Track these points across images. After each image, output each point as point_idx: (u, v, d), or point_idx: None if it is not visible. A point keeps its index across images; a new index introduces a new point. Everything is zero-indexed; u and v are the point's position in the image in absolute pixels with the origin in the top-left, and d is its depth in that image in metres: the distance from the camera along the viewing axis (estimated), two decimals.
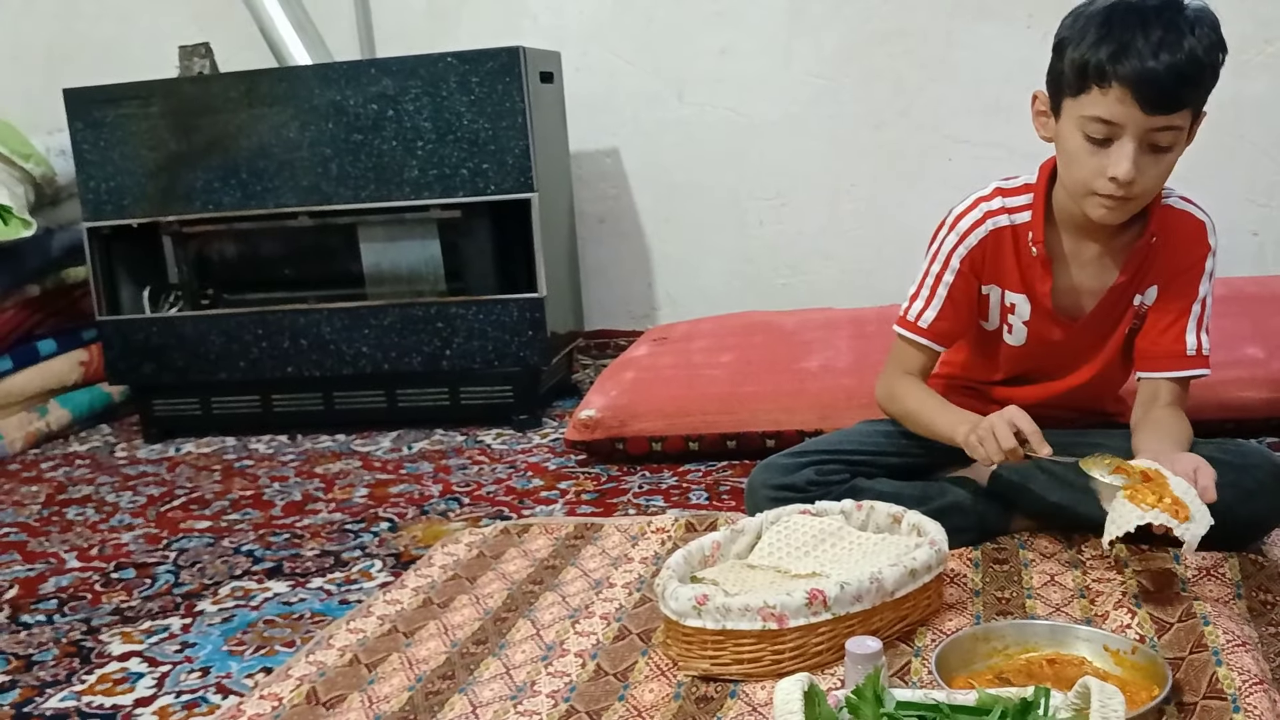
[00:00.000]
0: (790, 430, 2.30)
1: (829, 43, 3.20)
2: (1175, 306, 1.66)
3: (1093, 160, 1.51)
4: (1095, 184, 1.52)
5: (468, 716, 1.34)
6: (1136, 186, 1.50)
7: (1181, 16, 1.46)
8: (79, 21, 3.63)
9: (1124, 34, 1.45)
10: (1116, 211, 1.55)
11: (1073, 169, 1.56)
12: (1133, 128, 1.47)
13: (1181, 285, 1.65)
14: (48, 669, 1.63)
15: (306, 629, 1.69)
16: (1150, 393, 1.67)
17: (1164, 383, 1.66)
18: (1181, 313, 1.65)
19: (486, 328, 2.74)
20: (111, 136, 2.79)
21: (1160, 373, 1.66)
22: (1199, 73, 1.46)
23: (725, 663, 1.36)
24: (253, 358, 2.84)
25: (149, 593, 1.90)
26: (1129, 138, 1.48)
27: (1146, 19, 1.45)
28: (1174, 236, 1.64)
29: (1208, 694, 1.20)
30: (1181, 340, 1.65)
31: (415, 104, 2.67)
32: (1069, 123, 1.53)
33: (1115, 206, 1.53)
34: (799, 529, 1.58)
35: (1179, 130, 1.49)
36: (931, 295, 1.73)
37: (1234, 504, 1.53)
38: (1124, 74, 1.44)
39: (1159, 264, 1.65)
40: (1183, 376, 1.66)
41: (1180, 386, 1.67)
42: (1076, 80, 1.50)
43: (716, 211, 3.36)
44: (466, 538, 1.95)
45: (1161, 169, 1.52)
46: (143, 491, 2.49)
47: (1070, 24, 1.54)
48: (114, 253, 2.91)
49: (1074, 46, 1.50)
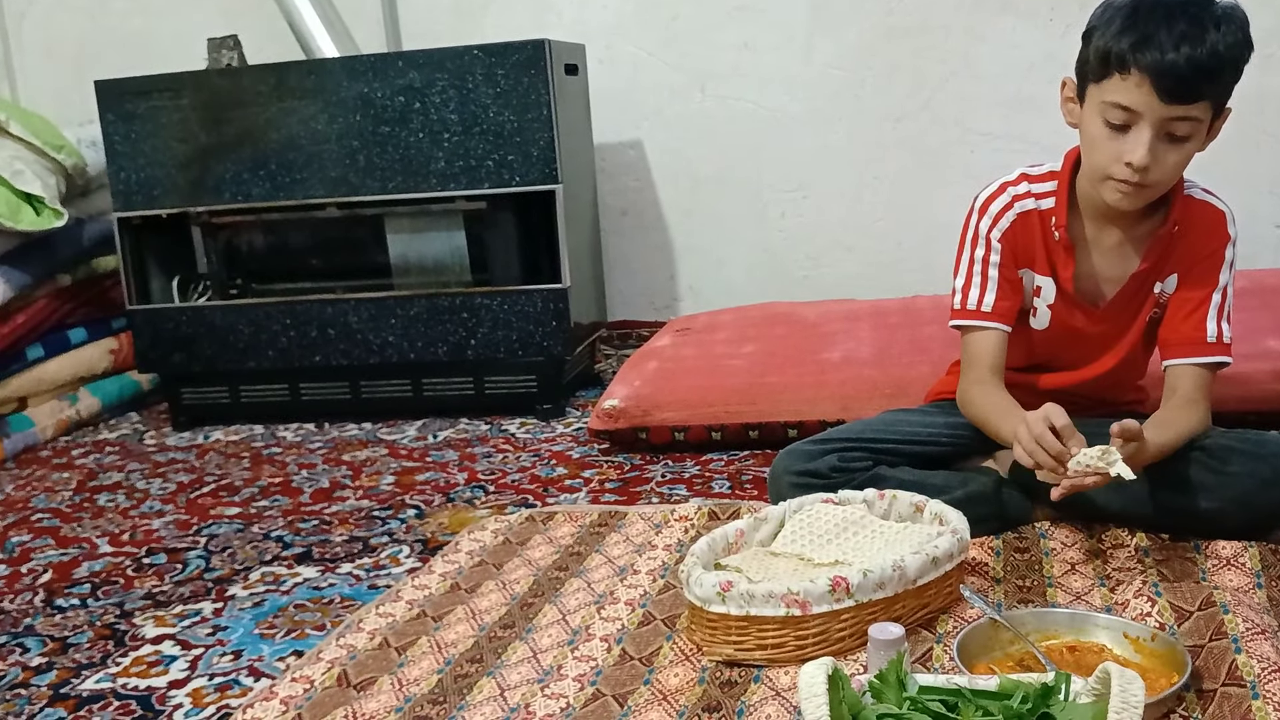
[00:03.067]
0: (812, 420, 2.32)
1: (850, 36, 3.21)
2: (1195, 295, 1.68)
3: (1111, 145, 1.55)
4: (1112, 169, 1.56)
5: (496, 699, 1.36)
6: (1152, 174, 1.54)
7: (1207, 12, 1.48)
8: (109, 16, 3.66)
9: (1148, 25, 1.48)
10: (1132, 197, 1.58)
11: (1092, 154, 1.60)
12: (1150, 116, 1.50)
13: (1201, 273, 1.68)
14: (83, 651, 1.66)
15: (336, 613, 1.72)
16: (1173, 382, 1.68)
17: (1186, 370, 1.67)
18: (1202, 301, 1.68)
19: (511, 318, 2.76)
20: (142, 128, 2.82)
21: (1180, 359, 1.68)
22: (1219, 67, 1.49)
23: (749, 648, 1.38)
24: (281, 347, 2.87)
25: (180, 577, 1.93)
26: (1146, 125, 1.51)
27: (1172, 12, 1.48)
28: (1194, 226, 1.67)
29: (1227, 681, 1.21)
30: (1202, 327, 1.67)
31: (441, 96, 2.69)
32: (1091, 108, 1.57)
33: (1131, 192, 1.57)
34: (822, 517, 1.60)
35: (1197, 122, 1.52)
36: (984, 279, 1.75)
37: (1253, 493, 1.55)
38: (1144, 63, 1.48)
39: (1179, 252, 1.68)
40: (1203, 363, 1.67)
41: (1202, 375, 1.67)
42: (1100, 66, 1.54)
43: (738, 204, 3.37)
44: (493, 525, 1.97)
45: (1178, 158, 1.55)
46: (172, 478, 2.53)
47: (1100, 13, 1.57)
48: (144, 243, 2.94)
49: (1100, 34, 1.54)
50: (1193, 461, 1.60)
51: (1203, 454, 1.61)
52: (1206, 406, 1.67)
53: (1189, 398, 1.66)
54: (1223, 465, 1.59)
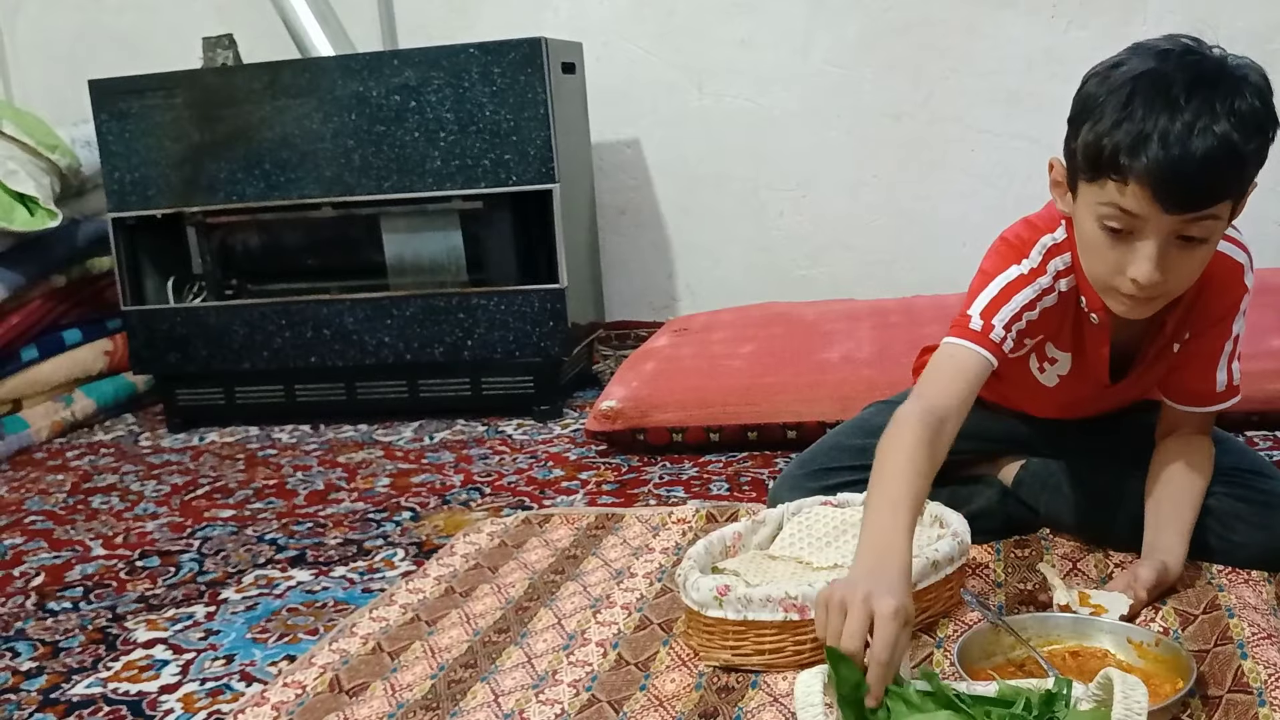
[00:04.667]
0: (811, 421, 2.30)
1: (849, 32, 3.20)
2: (1207, 349, 1.50)
3: (1112, 255, 1.29)
4: (1115, 281, 1.31)
5: (490, 704, 1.35)
6: (1163, 286, 1.29)
7: (1218, 92, 1.21)
8: (103, 14, 3.65)
9: (1146, 116, 1.21)
10: (1142, 307, 1.34)
11: (1091, 261, 1.34)
12: (1156, 224, 1.24)
13: (1217, 331, 1.49)
14: (74, 655, 1.65)
15: (330, 617, 1.70)
16: (1174, 419, 1.57)
17: (1191, 415, 1.55)
18: (1213, 354, 1.50)
19: (508, 318, 2.75)
20: (136, 128, 2.81)
21: (1186, 407, 1.55)
22: (1236, 166, 1.23)
23: (746, 653, 1.37)
24: (276, 348, 2.85)
25: (173, 580, 1.91)
26: (1151, 235, 1.25)
27: (1174, 99, 1.20)
28: (1211, 281, 1.42)
29: (1233, 687, 1.19)
30: (1211, 379, 1.51)
31: (437, 95, 2.67)
32: (1085, 208, 1.30)
33: (1141, 303, 1.33)
34: (820, 520, 1.58)
35: (1215, 220, 1.26)
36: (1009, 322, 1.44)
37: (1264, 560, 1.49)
38: (1142, 169, 1.20)
39: (1196, 311, 1.48)
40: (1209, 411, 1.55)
41: (1206, 418, 1.56)
42: (1089, 167, 1.27)
43: (736, 202, 3.36)
44: (488, 527, 1.96)
45: (1194, 264, 1.31)
46: (167, 480, 2.51)
47: (1089, 93, 1.29)
48: (138, 243, 2.93)
49: (1090, 126, 1.26)
50: (1202, 528, 1.50)
51: (1210, 518, 1.51)
52: (1210, 444, 1.55)
53: (1191, 442, 1.54)
54: (1229, 533, 1.51)
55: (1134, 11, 2.98)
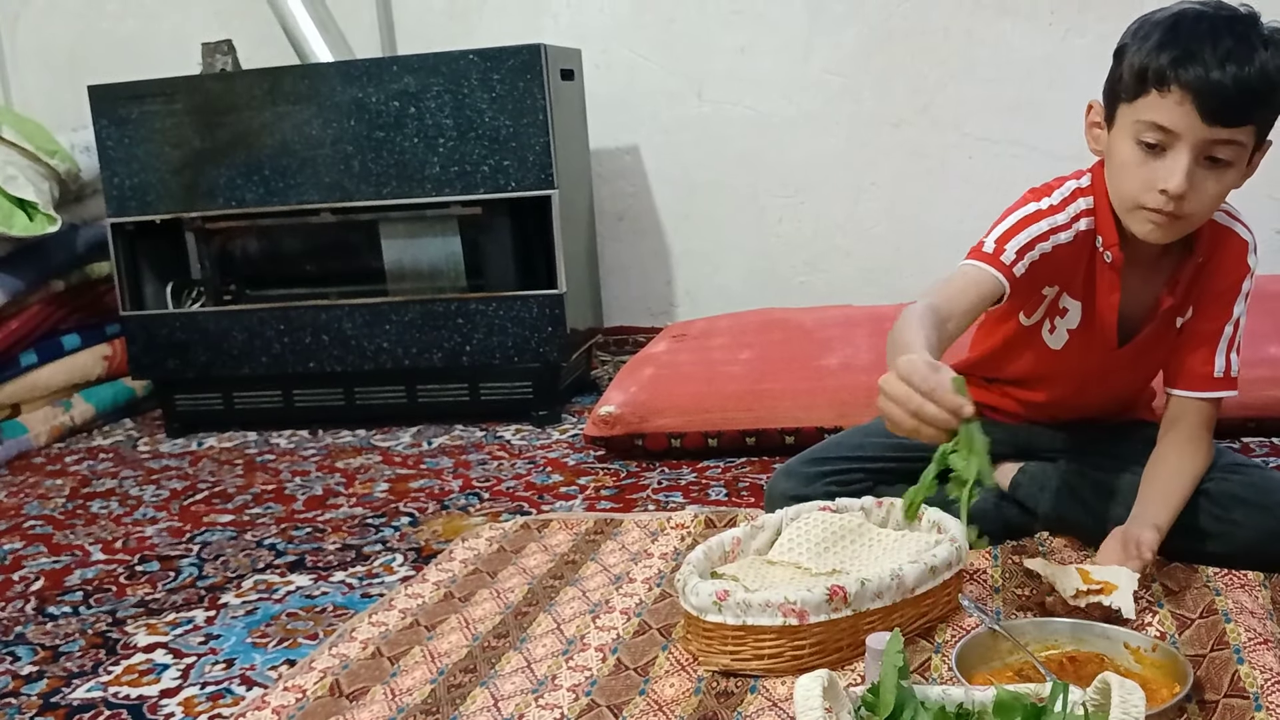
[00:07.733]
0: (809, 427, 2.30)
1: (848, 40, 3.20)
2: (1207, 328, 1.57)
3: (1143, 171, 1.42)
4: (1145, 197, 1.42)
5: (490, 709, 1.35)
6: (1188, 204, 1.41)
7: (1255, 30, 1.37)
8: (103, 19, 3.65)
9: (1191, 40, 1.36)
10: (1166, 229, 1.45)
11: (1122, 181, 1.46)
12: (1190, 137, 1.37)
13: (1217, 308, 1.57)
14: (74, 659, 1.65)
15: (329, 622, 1.70)
16: (1177, 412, 1.60)
17: (1190, 403, 1.59)
18: (1213, 334, 1.57)
19: (506, 324, 2.75)
20: (135, 133, 2.81)
21: (1185, 391, 1.59)
22: (1269, 89, 1.36)
23: (745, 658, 1.37)
24: (274, 353, 2.86)
25: (173, 585, 1.91)
26: (1184, 148, 1.38)
27: (1217, 28, 1.36)
28: (1216, 255, 1.55)
29: (1229, 692, 1.20)
30: (1210, 362, 1.57)
31: (437, 101, 2.68)
32: (1123, 129, 1.44)
33: (1164, 223, 1.43)
34: (819, 525, 1.58)
35: (1240, 147, 1.40)
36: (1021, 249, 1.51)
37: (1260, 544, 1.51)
38: (1186, 79, 1.35)
39: (1201, 284, 1.57)
40: (1208, 398, 1.58)
41: (1207, 409, 1.59)
42: (1135, 84, 1.40)
43: (735, 209, 3.36)
44: (487, 532, 1.96)
45: (1217, 189, 1.42)
46: (166, 485, 2.51)
47: (1135, 29, 1.45)
48: (138, 248, 2.93)
49: (1136, 50, 1.41)
50: (1199, 509, 1.54)
51: (1206, 500, 1.55)
52: (1210, 440, 1.59)
53: (1192, 435, 1.58)
54: (1226, 513, 1.53)
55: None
